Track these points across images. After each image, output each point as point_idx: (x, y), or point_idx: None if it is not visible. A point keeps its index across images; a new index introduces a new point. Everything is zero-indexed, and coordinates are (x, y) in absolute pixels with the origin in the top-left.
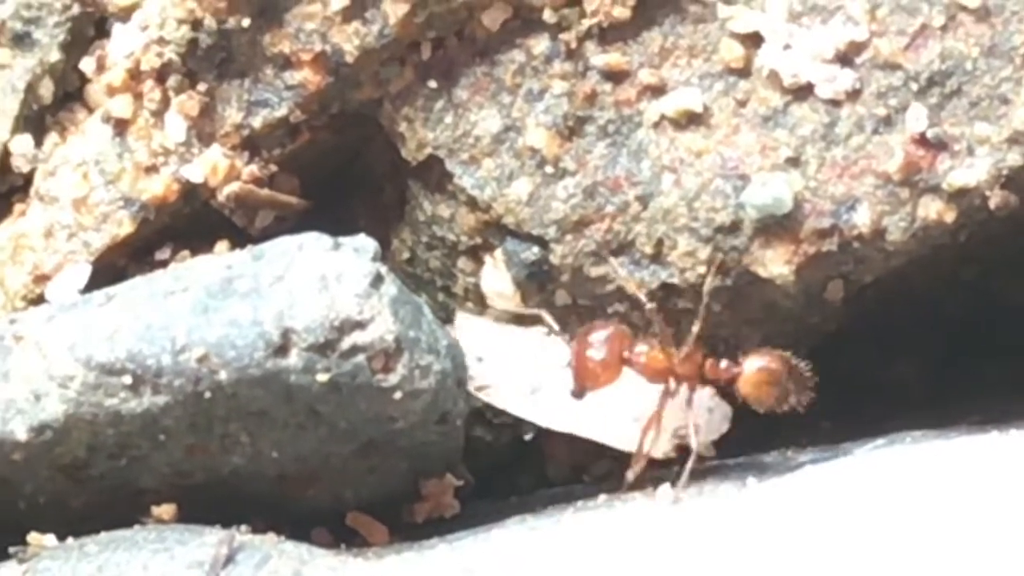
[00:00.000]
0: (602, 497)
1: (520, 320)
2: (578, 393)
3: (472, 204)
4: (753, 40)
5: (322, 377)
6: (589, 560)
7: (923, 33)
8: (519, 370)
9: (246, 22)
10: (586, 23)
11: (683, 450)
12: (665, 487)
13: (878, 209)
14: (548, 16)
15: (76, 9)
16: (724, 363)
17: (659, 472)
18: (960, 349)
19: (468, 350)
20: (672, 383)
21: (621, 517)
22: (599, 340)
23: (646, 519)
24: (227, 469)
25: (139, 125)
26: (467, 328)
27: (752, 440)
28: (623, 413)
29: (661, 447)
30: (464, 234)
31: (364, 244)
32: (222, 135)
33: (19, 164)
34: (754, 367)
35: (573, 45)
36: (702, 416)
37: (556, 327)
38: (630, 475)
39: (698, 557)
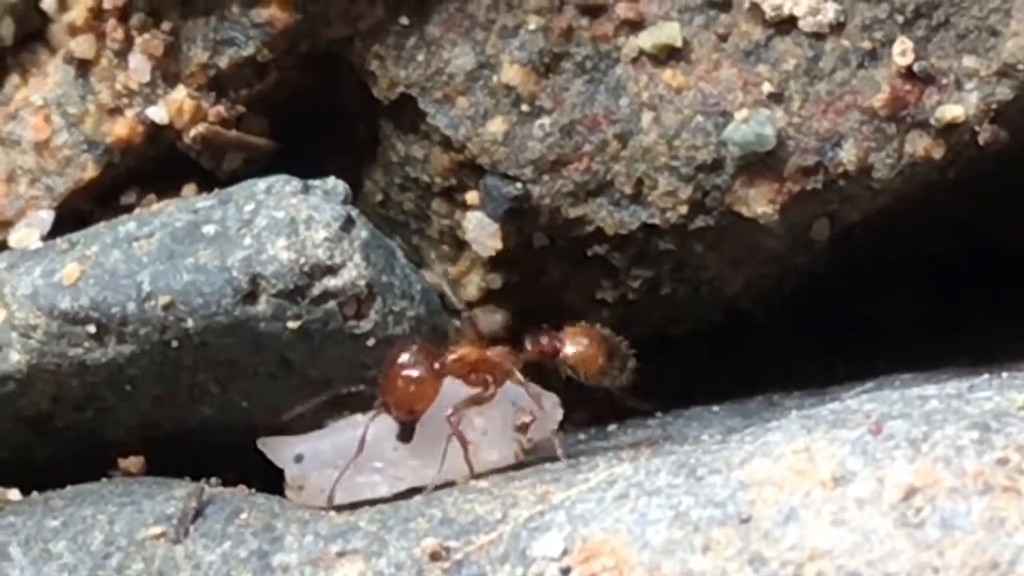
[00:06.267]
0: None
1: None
2: (404, 431)
3: (446, 144)
4: None
5: (292, 324)
6: (574, 507)
7: None
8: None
9: None
10: None
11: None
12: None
13: (864, 146)
14: None
15: None
16: (543, 336)
17: None
18: (950, 288)
19: (285, 459)
20: (490, 377)
21: (598, 468)
22: (409, 360)
23: (623, 471)
24: (196, 420)
25: (102, 66)
26: (276, 445)
27: (736, 384)
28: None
29: (503, 454)
30: (438, 175)
31: (334, 186)
32: (187, 75)
33: None
34: (572, 329)
35: None
36: (535, 410)
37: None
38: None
39: (677, 506)
